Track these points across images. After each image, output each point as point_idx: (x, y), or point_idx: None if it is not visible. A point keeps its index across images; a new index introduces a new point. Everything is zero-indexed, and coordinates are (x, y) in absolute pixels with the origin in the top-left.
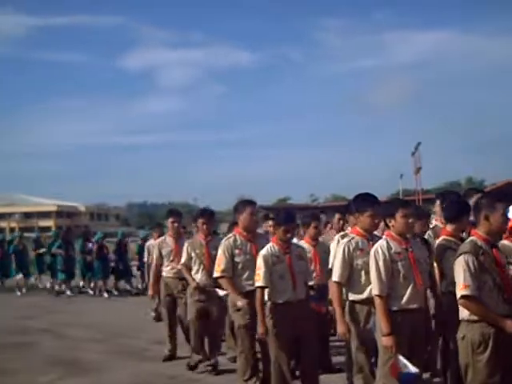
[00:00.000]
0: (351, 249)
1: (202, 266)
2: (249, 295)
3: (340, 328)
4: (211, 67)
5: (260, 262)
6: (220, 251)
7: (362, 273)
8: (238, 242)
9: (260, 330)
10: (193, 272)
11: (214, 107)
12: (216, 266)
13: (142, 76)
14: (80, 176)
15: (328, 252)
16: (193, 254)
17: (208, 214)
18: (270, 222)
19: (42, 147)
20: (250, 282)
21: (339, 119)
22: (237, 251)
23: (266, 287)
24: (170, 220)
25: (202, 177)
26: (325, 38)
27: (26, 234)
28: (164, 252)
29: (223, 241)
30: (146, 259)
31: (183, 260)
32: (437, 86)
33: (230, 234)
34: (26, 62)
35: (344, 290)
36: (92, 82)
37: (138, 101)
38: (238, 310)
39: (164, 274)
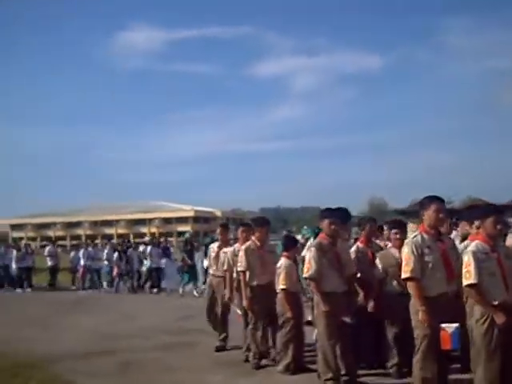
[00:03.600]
0: None
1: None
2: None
3: None
4: (339, 72)
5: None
6: (407, 250)
7: None
8: (426, 240)
9: None
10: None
11: (343, 112)
12: (404, 266)
13: (272, 84)
14: (215, 182)
15: None
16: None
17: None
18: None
19: (180, 156)
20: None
21: (471, 121)
22: (426, 250)
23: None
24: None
25: (332, 181)
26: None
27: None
28: None
29: (410, 239)
30: None
31: None
32: None
33: (416, 233)
34: (159, 74)
35: None
36: (223, 92)
37: (269, 109)
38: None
39: None
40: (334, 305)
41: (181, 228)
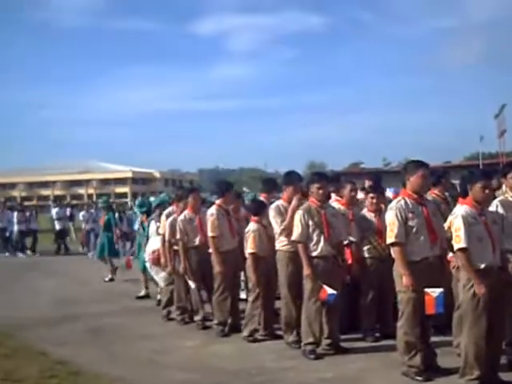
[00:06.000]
0: None
1: (322, 236)
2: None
3: None
4: (281, 32)
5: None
6: (392, 215)
7: None
8: (410, 205)
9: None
10: (312, 242)
11: (283, 72)
12: (388, 231)
13: (213, 41)
14: (153, 143)
15: None
16: (310, 223)
17: (324, 179)
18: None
19: (117, 114)
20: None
21: (412, 81)
22: (410, 215)
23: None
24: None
25: (271, 142)
26: None
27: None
28: None
29: (394, 204)
30: None
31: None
32: None
33: (399, 197)
34: (101, 32)
35: None
36: (164, 49)
37: (209, 67)
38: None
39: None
40: (321, 269)
41: (119, 189)
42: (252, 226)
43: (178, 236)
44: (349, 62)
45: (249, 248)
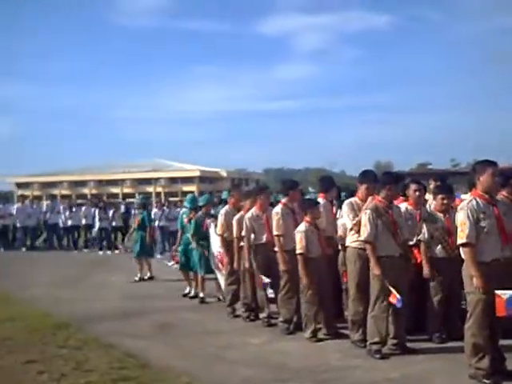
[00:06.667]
0: None
1: (390, 236)
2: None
3: None
4: (345, 31)
5: None
6: (463, 216)
7: None
8: (481, 205)
9: None
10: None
11: (347, 72)
12: (459, 231)
13: (278, 42)
14: (221, 142)
15: None
16: (379, 222)
17: (392, 179)
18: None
19: (183, 113)
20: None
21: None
22: (481, 215)
23: None
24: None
25: (336, 142)
26: None
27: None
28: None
29: (465, 204)
30: None
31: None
32: None
33: (470, 198)
34: (167, 32)
35: None
36: (230, 49)
37: (274, 67)
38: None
39: None
40: (389, 269)
41: (186, 188)
42: (301, 226)
43: (243, 233)
44: (415, 61)
45: (297, 249)
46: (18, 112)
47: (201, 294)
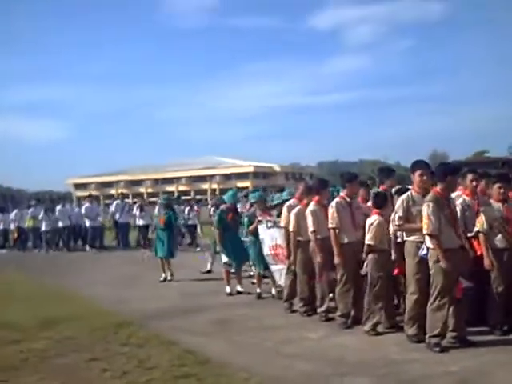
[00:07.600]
0: None
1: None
2: None
3: None
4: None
5: None
6: None
7: None
8: None
9: None
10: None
11: (400, 62)
12: None
13: (329, 35)
14: (273, 137)
15: None
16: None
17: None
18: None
19: (235, 111)
20: None
21: None
22: None
23: None
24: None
25: (391, 133)
26: None
27: None
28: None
29: None
30: None
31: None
32: None
33: None
34: (217, 30)
35: None
36: (280, 45)
37: (326, 61)
38: None
39: None
40: (452, 262)
41: (240, 184)
42: (375, 218)
43: (311, 228)
44: (470, 50)
45: (366, 240)
46: (74, 116)
47: (258, 290)
